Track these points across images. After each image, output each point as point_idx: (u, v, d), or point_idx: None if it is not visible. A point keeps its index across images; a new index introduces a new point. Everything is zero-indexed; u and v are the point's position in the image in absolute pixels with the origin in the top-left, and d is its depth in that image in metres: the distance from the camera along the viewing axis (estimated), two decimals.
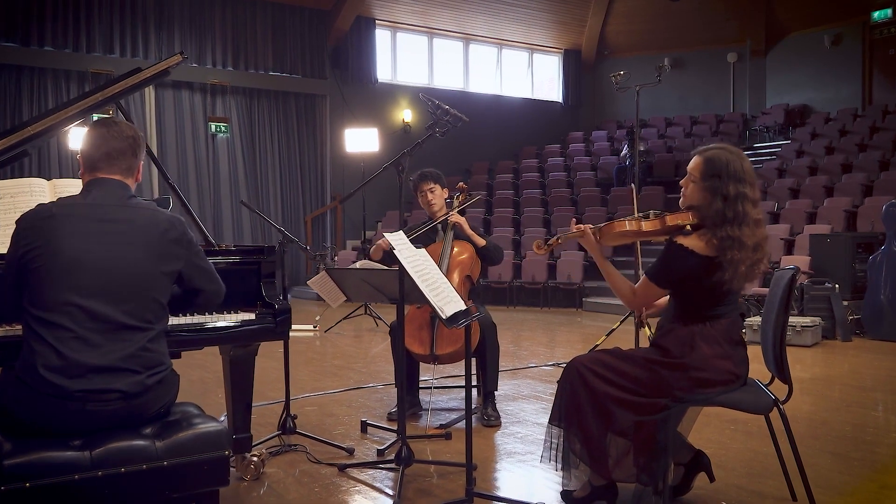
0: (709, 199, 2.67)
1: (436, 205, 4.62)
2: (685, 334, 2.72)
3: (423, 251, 3.20)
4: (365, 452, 3.84)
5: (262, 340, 3.17)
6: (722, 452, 3.76)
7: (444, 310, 2.83)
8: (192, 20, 12.71)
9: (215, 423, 2.30)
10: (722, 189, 2.63)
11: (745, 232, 2.61)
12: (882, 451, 3.81)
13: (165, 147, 12.54)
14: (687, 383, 2.67)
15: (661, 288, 2.77)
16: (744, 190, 2.62)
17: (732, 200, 2.61)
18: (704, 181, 2.67)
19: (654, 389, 2.69)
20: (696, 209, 2.74)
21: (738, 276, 2.62)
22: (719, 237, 2.60)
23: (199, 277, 2.46)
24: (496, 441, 4.10)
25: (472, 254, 4.47)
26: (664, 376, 2.68)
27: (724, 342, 2.72)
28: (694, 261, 2.65)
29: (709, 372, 2.68)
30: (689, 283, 2.69)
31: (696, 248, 2.66)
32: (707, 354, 2.68)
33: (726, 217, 2.60)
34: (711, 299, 2.72)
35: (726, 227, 2.60)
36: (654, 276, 2.75)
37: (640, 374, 2.72)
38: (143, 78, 3.41)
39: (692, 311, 2.75)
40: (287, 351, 4.02)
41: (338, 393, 5.26)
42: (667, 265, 2.72)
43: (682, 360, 2.69)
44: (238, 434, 3.35)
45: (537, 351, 7.26)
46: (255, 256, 3.25)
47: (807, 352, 6.92)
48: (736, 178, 2.63)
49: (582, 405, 2.78)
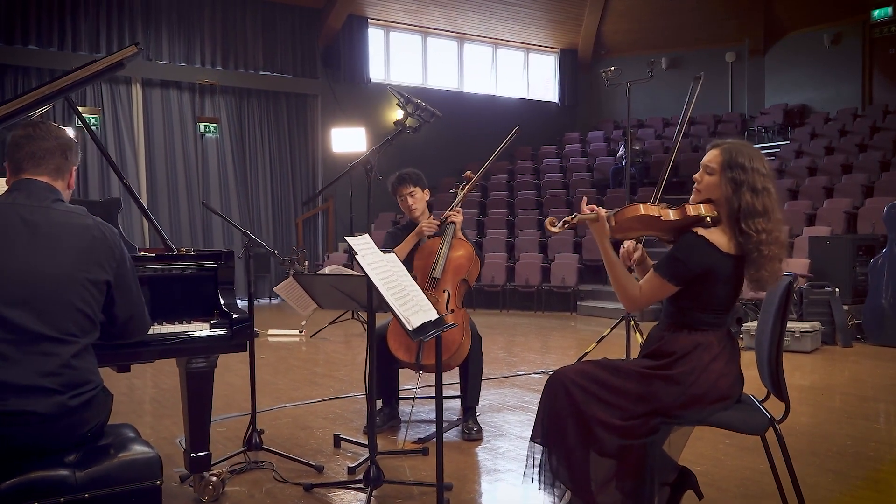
0: (732, 190, 2.44)
1: (417, 209, 4.36)
2: (686, 343, 2.49)
3: (393, 256, 2.98)
4: (336, 469, 3.61)
5: (218, 353, 2.94)
6: (716, 470, 3.54)
7: (410, 320, 2.60)
8: (181, 18, 12.47)
9: (147, 449, 2.08)
10: (749, 181, 2.42)
11: (776, 227, 2.41)
12: (885, 469, 3.58)
13: (153, 148, 12.30)
14: (682, 399, 2.45)
15: (674, 285, 2.47)
16: (769, 185, 2.43)
17: (761, 192, 2.41)
18: (726, 172, 2.46)
19: (645, 406, 2.46)
20: (716, 203, 2.51)
21: (771, 277, 2.40)
22: (749, 232, 2.38)
23: (123, 296, 2.20)
24: (477, 457, 3.88)
25: (471, 255, 4.18)
26: (657, 390, 2.45)
27: (724, 354, 2.51)
28: (717, 256, 2.42)
29: (707, 387, 2.46)
30: (706, 281, 2.44)
31: (718, 244, 2.43)
32: (707, 367, 2.46)
33: (756, 210, 2.39)
34: (718, 305, 2.50)
35: (757, 221, 2.38)
36: (667, 270, 2.47)
37: (631, 388, 2.48)
38: (95, 71, 3.16)
39: (694, 317, 2.51)
40: (252, 362, 3.78)
41: (315, 403, 5.03)
42: (686, 258, 2.44)
43: (679, 371, 2.46)
44: (195, 452, 3.12)
45: (528, 357, 7.03)
46: (212, 262, 3.02)
47: (806, 358, 6.70)
48: (760, 172, 2.44)
49: (565, 423, 2.55)
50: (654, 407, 2.45)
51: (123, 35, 11.99)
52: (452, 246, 4.16)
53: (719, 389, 2.48)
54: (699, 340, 2.48)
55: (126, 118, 12.09)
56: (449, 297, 4.05)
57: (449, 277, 4.10)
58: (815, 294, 7.51)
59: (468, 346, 4.03)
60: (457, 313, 4.02)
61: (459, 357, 4.01)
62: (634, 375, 2.49)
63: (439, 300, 4.03)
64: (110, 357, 2.51)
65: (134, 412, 4.80)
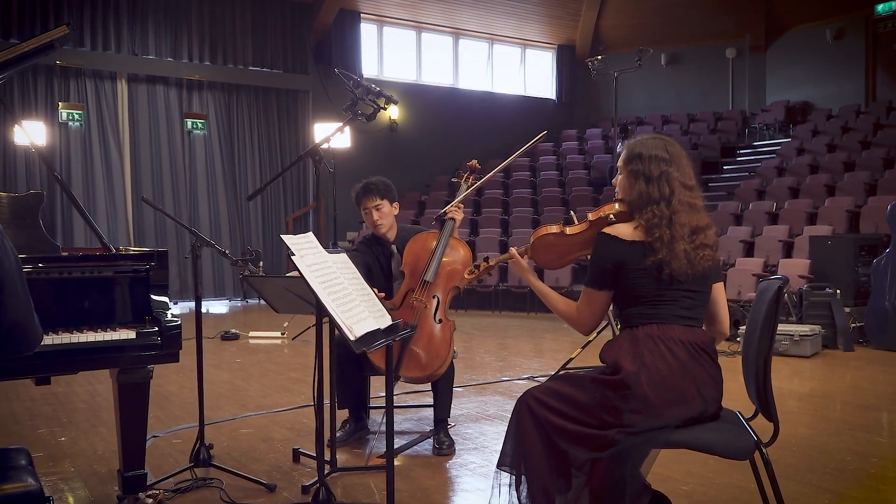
0: (632, 182, 2.42)
1: (383, 225, 3.92)
2: (626, 343, 2.31)
3: (343, 257, 2.70)
4: (291, 488, 3.32)
5: (145, 363, 2.66)
6: (702, 490, 3.25)
7: (353, 329, 2.32)
8: (168, 12, 12.20)
9: (31, 481, 1.79)
10: (644, 170, 2.38)
11: (676, 210, 2.32)
12: (887, 490, 3.29)
13: (139, 144, 12.04)
14: (635, 404, 2.21)
15: (600, 290, 2.39)
16: (668, 169, 2.36)
17: (657, 180, 2.36)
18: (627, 167, 2.44)
19: (601, 416, 2.24)
20: (623, 200, 2.47)
21: (676, 258, 2.27)
22: (646, 218, 2.33)
23: (11, 298, 1.90)
24: (448, 472, 3.60)
25: (468, 260, 3.79)
26: (610, 398, 2.24)
27: (677, 352, 2.26)
28: (623, 247, 2.34)
29: (659, 389, 2.21)
30: (624, 275, 2.34)
31: (621, 235, 2.36)
32: (652, 366, 2.23)
33: (651, 197, 2.35)
34: (647, 296, 2.31)
35: (652, 207, 2.33)
36: (589, 278, 2.42)
37: (586, 399, 2.27)
38: (21, 52, 2.86)
39: (630, 314, 2.37)
40: (200, 371, 3.49)
41: (283, 412, 4.74)
42: (597, 259, 2.40)
43: (624, 374, 2.23)
44: (129, 471, 2.85)
45: (515, 362, 6.75)
46: (143, 263, 2.74)
47: (805, 363, 6.41)
48: (658, 158, 2.38)
49: (533, 448, 2.33)
50: (608, 414, 2.24)
51: (108, 30, 11.74)
52: (449, 246, 3.80)
53: (679, 391, 2.22)
54: (637, 335, 2.30)
55: (111, 115, 11.84)
56: (438, 305, 3.73)
57: (441, 283, 3.75)
58: (816, 296, 7.22)
59: (449, 361, 3.73)
60: (445, 325, 3.71)
61: (440, 373, 3.72)
62: (590, 384, 2.30)
63: (428, 306, 3.71)
64: (8, 371, 2.23)
65: (71, 421, 4.52)
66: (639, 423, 2.18)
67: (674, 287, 2.31)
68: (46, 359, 2.40)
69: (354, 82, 2.84)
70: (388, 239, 4.00)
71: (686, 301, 2.33)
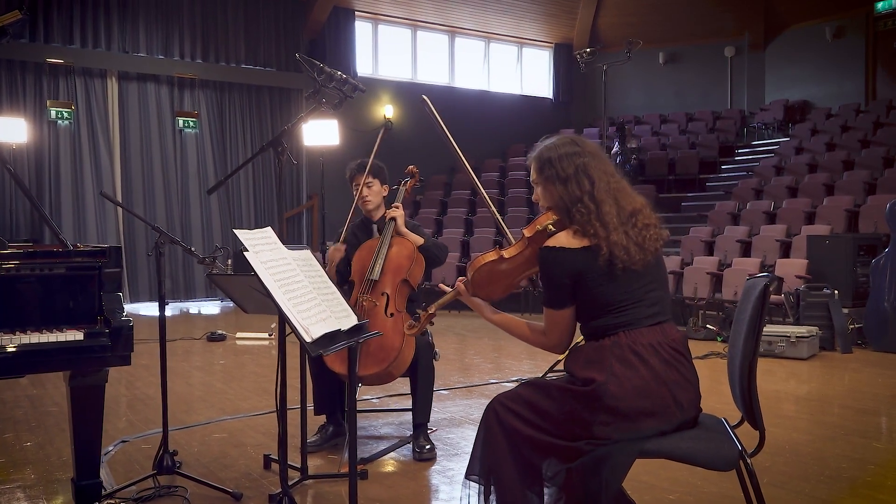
0: (551, 189, 2.30)
1: (371, 202, 3.96)
2: (593, 352, 2.19)
3: (306, 253, 2.55)
4: (258, 497, 3.17)
5: (94, 366, 2.51)
6: (689, 499, 3.11)
7: (309, 330, 2.17)
8: (158, 8, 12.04)
9: None
10: (557, 173, 2.26)
11: (602, 200, 2.20)
12: (883, 499, 3.13)
13: (129, 142, 11.87)
14: (605, 416, 2.08)
15: (562, 308, 2.24)
16: (583, 160, 2.26)
17: (573, 176, 2.25)
18: (541, 176, 2.32)
19: (571, 427, 2.12)
20: (551, 209, 2.33)
21: (620, 247, 2.15)
22: (576, 220, 2.21)
23: None
24: (427, 480, 3.46)
25: (413, 253, 3.79)
26: (578, 409, 2.11)
27: (648, 359, 2.12)
28: (573, 256, 2.19)
29: (630, 400, 2.08)
30: (584, 286, 2.20)
31: (566, 244, 2.21)
32: (622, 375, 2.10)
33: (573, 195, 2.24)
34: (612, 303, 2.18)
35: (578, 206, 2.22)
36: (546, 298, 2.28)
37: (554, 408, 2.15)
38: None
39: (599, 325, 2.22)
40: (164, 373, 3.35)
41: (259, 416, 4.59)
42: (549, 276, 2.24)
43: (592, 384, 2.11)
44: (82, 480, 2.69)
45: (506, 364, 6.60)
46: (94, 260, 2.59)
47: (802, 365, 6.25)
48: (569, 154, 2.27)
49: (502, 457, 2.20)
50: (577, 426, 2.12)
51: (98, 27, 11.59)
52: (392, 244, 3.78)
53: (647, 399, 2.08)
54: (617, 343, 2.16)
55: (101, 113, 11.68)
56: (388, 301, 3.63)
57: (388, 279, 3.70)
58: (813, 296, 7.06)
59: (410, 355, 3.59)
60: (397, 317, 3.60)
61: (400, 367, 3.58)
62: (558, 394, 2.17)
63: (378, 304, 3.61)
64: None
65: (38, 425, 4.37)
66: (611, 435, 2.05)
67: (635, 285, 2.18)
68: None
69: (318, 70, 2.70)
70: (373, 219, 4.02)
71: (651, 296, 2.20)
